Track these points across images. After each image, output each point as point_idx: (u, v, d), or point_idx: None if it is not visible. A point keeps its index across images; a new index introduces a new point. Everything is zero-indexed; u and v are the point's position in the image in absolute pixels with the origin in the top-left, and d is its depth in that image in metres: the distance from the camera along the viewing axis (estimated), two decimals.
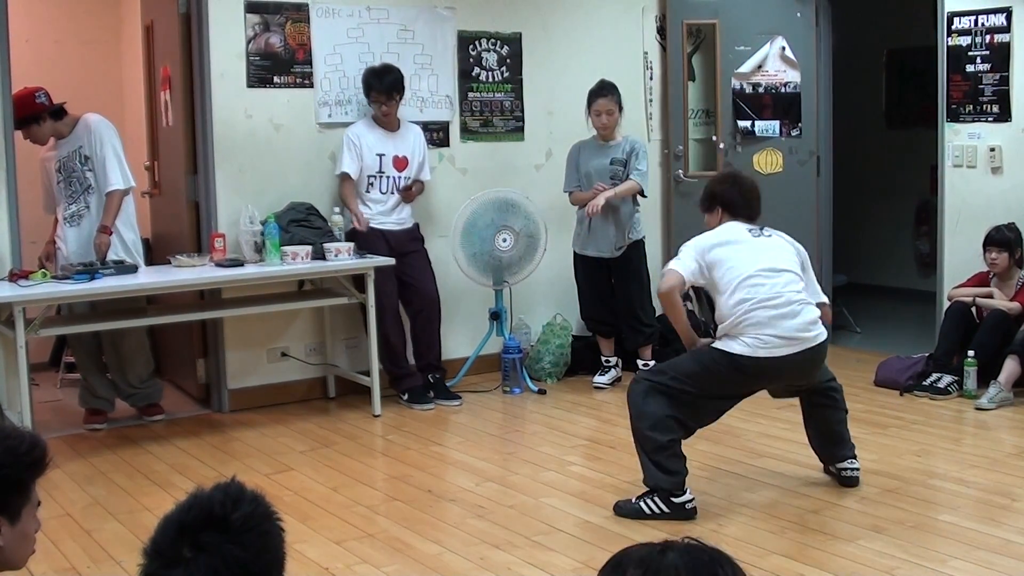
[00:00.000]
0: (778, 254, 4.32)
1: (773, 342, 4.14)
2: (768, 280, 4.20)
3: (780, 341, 4.14)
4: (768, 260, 4.26)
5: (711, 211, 4.54)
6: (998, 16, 6.22)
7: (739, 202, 4.47)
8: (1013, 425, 5.48)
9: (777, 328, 4.14)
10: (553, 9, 6.91)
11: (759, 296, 4.16)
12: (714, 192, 4.55)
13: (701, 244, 4.33)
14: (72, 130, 5.64)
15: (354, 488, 4.73)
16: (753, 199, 4.51)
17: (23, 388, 4.99)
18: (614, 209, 6.18)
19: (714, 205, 4.52)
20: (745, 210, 4.46)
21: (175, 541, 1.61)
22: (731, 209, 4.47)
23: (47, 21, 7.37)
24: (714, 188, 4.57)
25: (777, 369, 4.21)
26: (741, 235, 4.34)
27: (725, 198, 4.49)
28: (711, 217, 4.53)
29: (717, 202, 4.51)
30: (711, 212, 4.54)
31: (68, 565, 3.92)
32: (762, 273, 4.21)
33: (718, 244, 4.31)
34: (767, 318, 4.13)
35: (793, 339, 4.16)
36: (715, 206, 4.51)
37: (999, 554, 3.79)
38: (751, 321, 4.14)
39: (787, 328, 4.15)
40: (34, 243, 5.89)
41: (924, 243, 8.83)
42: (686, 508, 4.19)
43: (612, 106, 6.17)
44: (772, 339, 4.13)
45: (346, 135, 5.99)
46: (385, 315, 5.97)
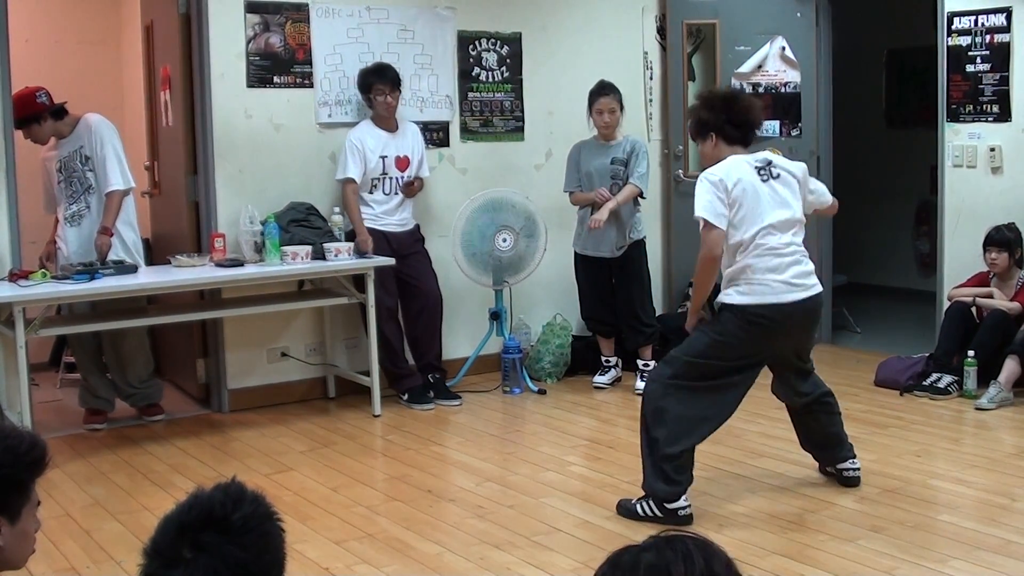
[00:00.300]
0: (786, 200, 4.22)
1: (779, 287, 4.12)
2: (778, 232, 4.16)
3: (784, 286, 4.14)
4: (779, 212, 4.17)
5: (704, 138, 4.31)
6: (998, 16, 6.22)
7: (732, 127, 4.26)
8: (1013, 425, 5.48)
9: (782, 273, 4.13)
10: (553, 9, 6.91)
11: (769, 243, 4.13)
12: (703, 119, 4.30)
13: (718, 183, 4.13)
14: (73, 130, 5.64)
15: (354, 488, 4.73)
16: (748, 120, 4.30)
17: (23, 388, 4.99)
18: (615, 211, 6.18)
19: (707, 132, 4.29)
20: (740, 134, 4.27)
21: (175, 541, 1.61)
22: (725, 135, 4.26)
23: (47, 21, 7.37)
24: (702, 114, 4.31)
25: (785, 322, 4.16)
26: (750, 177, 4.16)
27: (717, 124, 4.26)
28: (705, 144, 4.32)
29: (709, 128, 4.28)
30: (703, 139, 4.32)
31: (68, 565, 3.92)
32: (774, 226, 4.15)
33: (734, 183, 4.12)
34: (774, 265, 4.13)
35: (796, 285, 4.16)
36: (708, 132, 4.29)
37: (999, 554, 3.79)
38: (758, 266, 4.11)
39: (791, 273, 4.15)
40: (34, 243, 5.89)
41: (924, 243, 8.83)
42: (679, 515, 4.15)
43: (614, 105, 6.17)
44: (777, 284, 4.12)
45: (348, 140, 5.98)
46: (385, 315, 5.97)
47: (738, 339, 4.16)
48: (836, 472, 4.57)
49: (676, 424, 4.15)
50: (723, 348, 4.17)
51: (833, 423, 4.54)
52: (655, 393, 4.21)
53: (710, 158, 4.31)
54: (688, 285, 7.04)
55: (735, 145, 4.28)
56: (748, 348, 4.20)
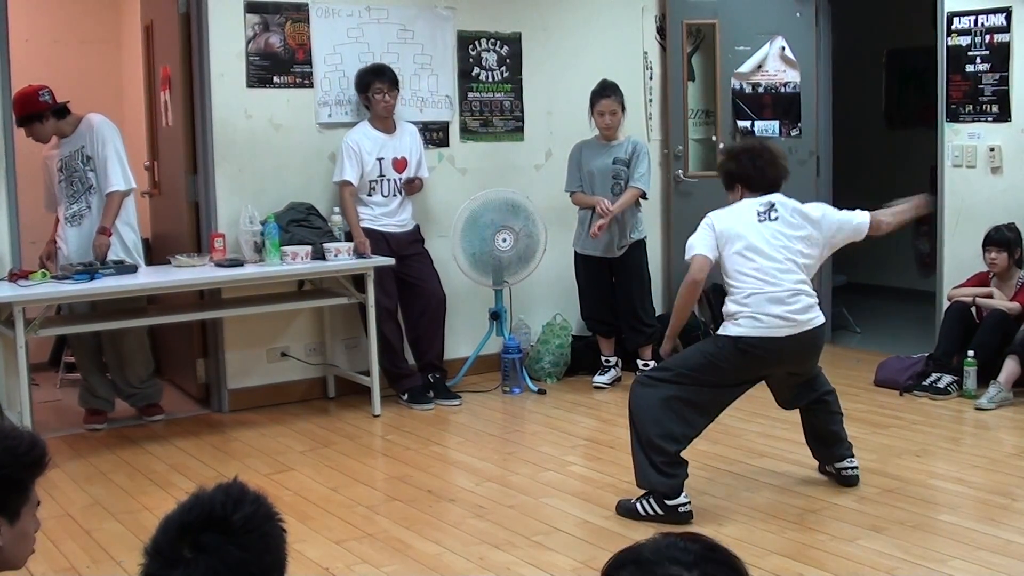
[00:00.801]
0: (780, 242, 4.28)
1: (772, 322, 4.18)
2: (768, 272, 4.22)
3: (779, 321, 4.19)
4: (768, 251, 4.24)
5: (732, 189, 4.48)
6: (998, 16, 6.22)
7: (756, 176, 4.40)
8: (1013, 425, 5.48)
9: (775, 308, 4.18)
10: (553, 9, 6.91)
11: (759, 282, 4.20)
12: (729, 171, 4.49)
13: (710, 225, 4.32)
14: (75, 129, 5.64)
15: (354, 488, 4.73)
16: (770, 169, 4.43)
17: (23, 388, 4.99)
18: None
19: (733, 183, 4.47)
20: (763, 183, 4.40)
21: (176, 541, 1.61)
22: (749, 184, 4.41)
23: (47, 21, 7.37)
24: (728, 165, 4.51)
25: (777, 352, 4.23)
26: (749, 218, 4.29)
27: (741, 174, 4.43)
28: (732, 195, 4.48)
29: (735, 180, 4.46)
30: (732, 190, 4.48)
31: (68, 565, 3.92)
32: (762, 265, 4.22)
33: (728, 224, 4.29)
34: (766, 300, 4.19)
35: (790, 320, 4.20)
36: (734, 183, 4.46)
37: (999, 554, 3.79)
38: (751, 303, 4.19)
39: (784, 310, 4.20)
40: (34, 243, 5.89)
41: (924, 243, 8.82)
42: (679, 511, 4.17)
43: (615, 106, 6.17)
44: (770, 319, 4.18)
45: (344, 143, 5.98)
46: (384, 315, 5.97)
47: (731, 364, 4.24)
48: (835, 471, 4.58)
49: (663, 423, 4.20)
50: (715, 369, 4.24)
51: (832, 421, 4.56)
52: (643, 393, 4.27)
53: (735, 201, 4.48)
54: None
55: (757, 192, 4.40)
56: (740, 374, 4.29)
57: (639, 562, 1.43)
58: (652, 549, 1.44)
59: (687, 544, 1.43)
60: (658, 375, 4.36)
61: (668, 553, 1.42)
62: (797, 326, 4.22)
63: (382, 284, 5.92)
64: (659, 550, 1.43)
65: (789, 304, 4.21)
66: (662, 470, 4.18)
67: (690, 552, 1.41)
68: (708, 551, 1.43)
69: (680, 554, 1.41)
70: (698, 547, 1.43)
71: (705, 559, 1.41)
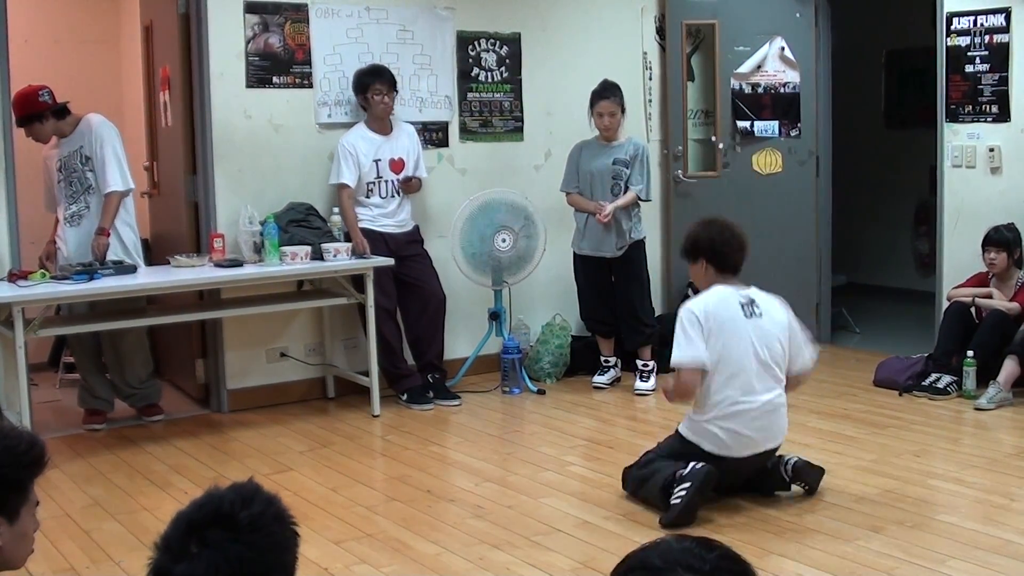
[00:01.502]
0: (768, 341, 4.26)
1: (741, 442, 4.24)
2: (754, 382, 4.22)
3: (747, 442, 4.25)
4: (758, 352, 4.23)
5: (695, 262, 4.41)
6: (997, 16, 6.22)
7: (725, 255, 4.36)
8: (1012, 425, 5.48)
9: (749, 429, 4.23)
10: (552, 9, 6.91)
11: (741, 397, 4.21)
12: (698, 243, 4.40)
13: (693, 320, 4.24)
14: (74, 129, 5.64)
15: (353, 488, 4.73)
16: (740, 251, 4.38)
17: (22, 388, 4.99)
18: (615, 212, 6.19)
19: (698, 256, 4.39)
20: (731, 264, 4.36)
21: (184, 536, 1.64)
22: (717, 262, 4.35)
23: (46, 21, 7.37)
24: (699, 237, 4.42)
25: (738, 465, 4.30)
26: (735, 311, 4.24)
27: (711, 250, 4.36)
28: (695, 268, 4.43)
29: (702, 254, 4.38)
30: (695, 263, 4.42)
31: (67, 565, 3.92)
32: (749, 371, 4.21)
33: (715, 317, 4.23)
34: (740, 418, 4.21)
35: (758, 443, 4.28)
36: (699, 258, 4.39)
37: (998, 554, 3.79)
38: (728, 418, 4.22)
39: (756, 430, 4.24)
40: (34, 243, 5.90)
41: (923, 243, 8.83)
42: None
43: (615, 108, 6.17)
44: (741, 437, 4.23)
45: (341, 146, 5.98)
46: (383, 316, 5.97)
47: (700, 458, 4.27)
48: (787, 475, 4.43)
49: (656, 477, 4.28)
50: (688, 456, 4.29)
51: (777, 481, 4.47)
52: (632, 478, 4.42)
53: (699, 279, 4.44)
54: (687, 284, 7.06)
55: (725, 273, 4.35)
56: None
57: (648, 568, 1.36)
58: (662, 554, 1.37)
59: (702, 551, 1.37)
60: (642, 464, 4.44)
61: (682, 559, 1.35)
62: (762, 447, 4.30)
63: (381, 284, 5.92)
64: (670, 555, 1.37)
65: (764, 426, 4.26)
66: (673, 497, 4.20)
67: (706, 560, 1.36)
68: (724, 559, 1.38)
69: (695, 561, 1.35)
70: (714, 555, 1.37)
71: (721, 568, 1.36)
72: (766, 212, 7.00)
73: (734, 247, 4.39)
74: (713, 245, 4.36)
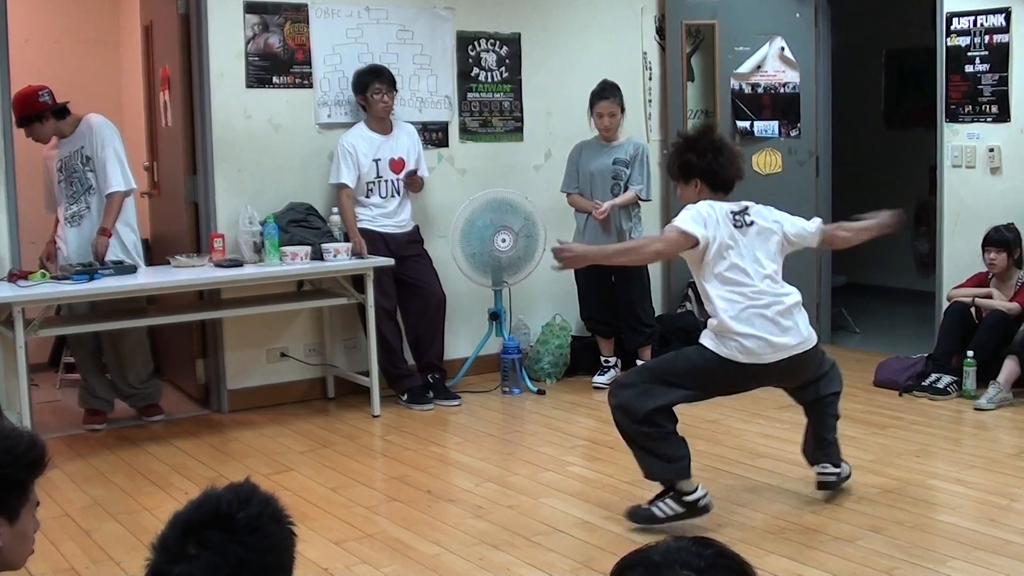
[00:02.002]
0: (763, 248, 4.08)
1: (762, 349, 3.99)
2: (756, 283, 4.02)
3: (768, 348, 4.00)
4: (754, 258, 4.05)
5: (686, 182, 4.13)
6: (997, 16, 6.22)
7: (721, 175, 4.10)
8: (1012, 425, 5.48)
9: (766, 332, 3.99)
10: (552, 9, 6.91)
11: (748, 299, 4.00)
12: (690, 162, 4.11)
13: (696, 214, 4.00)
14: (74, 130, 5.64)
15: (353, 488, 4.73)
16: (736, 167, 4.14)
17: (22, 388, 4.99)
18: (615, 208, 6.19)
19: (691, 177, 4.12)
20: (726, 184, 4.12)
21: (181, 537, 1.63)
22: (712, 182, 4.10)
23: (46, 21, 7.37)
24: (689, 156, 4.12)
25: (767, 372, 4.08)
26: (727, 223, 4.03)
27: (707, 170, 4.09)
28: (686, 189, 4.15)
29: (695, 174, 4.11)
30: (686, 184, 4.14)
31: (67, 565, 3.92)
32: (749, 274, 4.02)
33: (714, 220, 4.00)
34: (756, 323, 3.98)
35: (780, 346, 4.02)
36: (692, 178, 4.12)
37: (998, 554, 3.79)
38: (739, 327, 3.97)
39: (775, 333, 4.00)
40: (34, 243, 5.90)
41: (923, 243, 8.83)
42: (699, 505, 4.06)
43: (615, 108, 6.17)
44: (761, 344, 3.99)
45: (340, 145, 5.98)
46: (383, 316, 5.97)
47: (715, 377, 4.06)
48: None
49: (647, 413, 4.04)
50: (698, 379, 4.06)
51: (822, 426, 4.36)
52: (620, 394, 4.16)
53: (689, 200, 4.17)
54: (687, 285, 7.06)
55: (718, 192, 4.13)
56: (725, 387, 4.19)
57: (648, 565, 1.40)
58: (661, 552, 1.41)
59: (699, 548, 1.41)
60: (634, 378, 4.18)
61: (679, 557, 1.40)
62: (788, 350, 4.04)
63: (381, 285, 5.92)
64: (669, 553, 1.41)
65: (781, 324, 4.02)
66: (666, 455, 4.03)
67: (702, 557, 1.39)
68: (720, 556, 1.41)
69: (692, 559, 1.39)
70: (711, 552, 1.41)
71: (717, 565, 1.40)
72: None
73: (730, 163, 4.12)
74: (709, 165, 4.09)
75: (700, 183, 4.12)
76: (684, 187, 4.18)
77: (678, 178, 4.21)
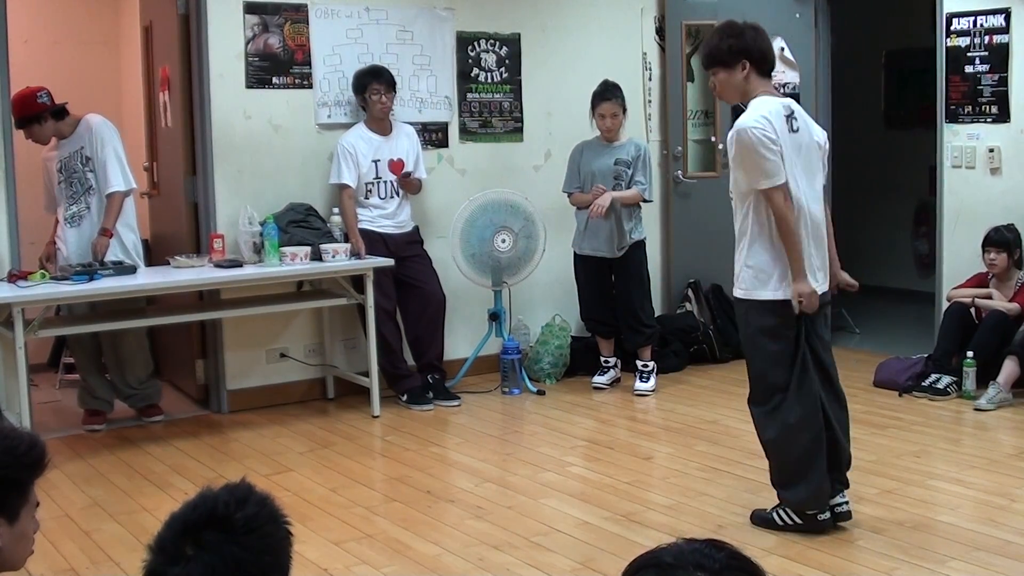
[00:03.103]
0: (814, 158, 3.96)
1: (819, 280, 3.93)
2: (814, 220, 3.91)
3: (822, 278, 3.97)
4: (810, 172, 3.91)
5: (731, 67, 3.90)
6: (997, 17, 6.22)
7: (768, 55, 3.92)
8: (1012, 426, 5.48)
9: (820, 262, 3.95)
10: (552, 10, 6.91)
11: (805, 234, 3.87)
12: (735, 45, 3.88)
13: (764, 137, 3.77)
14: (74, 130, 5.65)
15: (353, 489, 4.73)
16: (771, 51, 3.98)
17: (22, 389, 4.99)
18: (615, 208, 6.18)
19: (738, 59, 3.88)
20: (771, 64, 3.96)
21: (179, 538, 1.63)
22: (760, 64, 3.89)
23: (46, 22, 7.37)
24: (731, 41, 3.90)
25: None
26: (783, 127, 3.83)
27: (756, 50, 3.88)
28: (730, 74, 3.92)
29: (745, 56, 3.87)
30: (731, 68, 3.91)
31: (67, 566, 3.92)
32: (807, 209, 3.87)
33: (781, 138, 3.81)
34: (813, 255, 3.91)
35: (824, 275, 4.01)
36: (740, 60, 3.88)
37: (998, 555, 3.79)
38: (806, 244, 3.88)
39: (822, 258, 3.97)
40: (33, 244, 5.90)
41: (923, 244, 8.83)
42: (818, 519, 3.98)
43: (616, 109, 6.17)
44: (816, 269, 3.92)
45: (340, 146, 5.99)
46: (383, 316, 5.97)
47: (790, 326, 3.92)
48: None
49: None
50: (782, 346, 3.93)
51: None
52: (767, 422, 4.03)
53: (736, 90, 3.97)
54: (687, 285, 7.06)
55: (764, 77, 3.94)
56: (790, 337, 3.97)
57: (660, 566, 1.40)
58: (674, 554, 1.42)
59: (712, 550, 1.41)
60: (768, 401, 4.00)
61: (692, 559, 1.40)
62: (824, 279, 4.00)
63: (381, 285, 5.92)
64: (682, 555, 1.41)
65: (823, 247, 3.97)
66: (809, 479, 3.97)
67: (715, 559, 1.40)
68: (733, 558, 1.42)
69: (705, 560, 1.40)
70: (723, 554, 1.41)
71: (730, 567, 1.40)
72: None
73: (769, 43, 3.96)
74: (758, 43, 3.89)
75: (748, 64, 3.91)
76: (729, 73, 3.93)
77: (719, 64, 3.96)
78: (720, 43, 3.95)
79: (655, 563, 1.41)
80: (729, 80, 3.95)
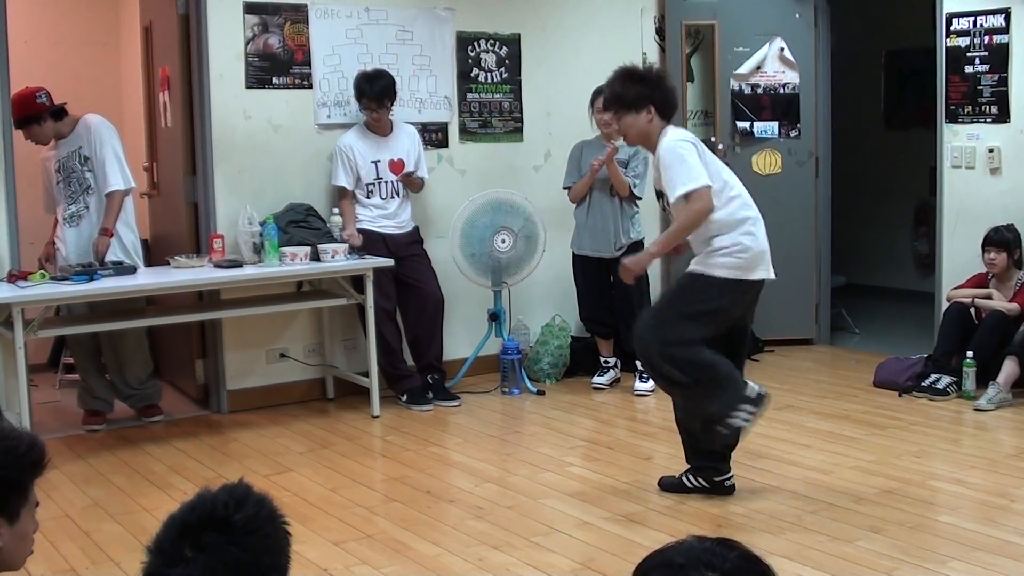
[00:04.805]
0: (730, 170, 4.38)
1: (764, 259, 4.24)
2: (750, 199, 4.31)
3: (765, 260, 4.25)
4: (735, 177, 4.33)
5: (637, 111, 4.26)
6: (997, 17, 6.22)
7: (672, 102, 4.32)
8: (1012, 426, 5.48)
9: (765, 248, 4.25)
10: (552, 10, 6.91)
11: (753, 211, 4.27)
12: (641, 92, 4.27)
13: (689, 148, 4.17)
14: (72, 130, 5.64)
15: (353, 489, 4.73)
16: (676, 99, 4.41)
17: (22, 389, 4.98)
18: (612, 207, 6.18)
19: (643, 104, 4.26)
20: (673, 111, 4.34)
21: (177, 540, 1.62)
22: (663, 108, 4.27)
23: (46, 22, 7.37)
24: (638, 88, 4.29)
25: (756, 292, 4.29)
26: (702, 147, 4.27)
27: (661, 98, 4.26)
28: (639, 116, 4.27)
29: (650, 101, 4.25)
30: (636, 112, 4.26)
31: (67, 566, 3.92)
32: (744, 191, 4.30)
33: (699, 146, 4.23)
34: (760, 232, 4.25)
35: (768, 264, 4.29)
36: (646, 105, 4.26)
37: (998, 555, 3.79)
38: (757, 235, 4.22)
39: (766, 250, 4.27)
40: (33, 244, 5.90)
41: (923, 244, 8.83)
42: (725, 485, 4.36)
43: None
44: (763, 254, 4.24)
45: (337, 147, 5.99)
46: (382, 317, 5.97)
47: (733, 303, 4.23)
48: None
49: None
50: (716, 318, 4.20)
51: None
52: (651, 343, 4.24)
53: (641, 132, 4.30)
54: None
55: (666, 120, 4.30)
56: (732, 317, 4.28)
57: (671, 566, 1.40)
58: (684, 553, 1.41)
59: (723, 550, 1.41)
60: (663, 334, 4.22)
61: (703, 558, 1.40)
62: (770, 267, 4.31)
63: (380, 285, 5.92)
64: (692, 554, 1.41)
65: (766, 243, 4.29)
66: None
67: (727, 559, 1.40)
68: (744, 559, 1.41)
69: (716, 560, 1.39)
70: (735, 554, 1.41)
71: (741, 568, 1.40)
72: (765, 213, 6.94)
73: (672, 90, 4.38)
74: (663, 91, 4.28)
75: (655, 112, 4.27)
76: (635, 116, 4.28)
77: (628, 108, 4.29)
78: (626, 89, 4.31)
79: (666, 563, 1.41)
80: (634, 123, 4.30)
